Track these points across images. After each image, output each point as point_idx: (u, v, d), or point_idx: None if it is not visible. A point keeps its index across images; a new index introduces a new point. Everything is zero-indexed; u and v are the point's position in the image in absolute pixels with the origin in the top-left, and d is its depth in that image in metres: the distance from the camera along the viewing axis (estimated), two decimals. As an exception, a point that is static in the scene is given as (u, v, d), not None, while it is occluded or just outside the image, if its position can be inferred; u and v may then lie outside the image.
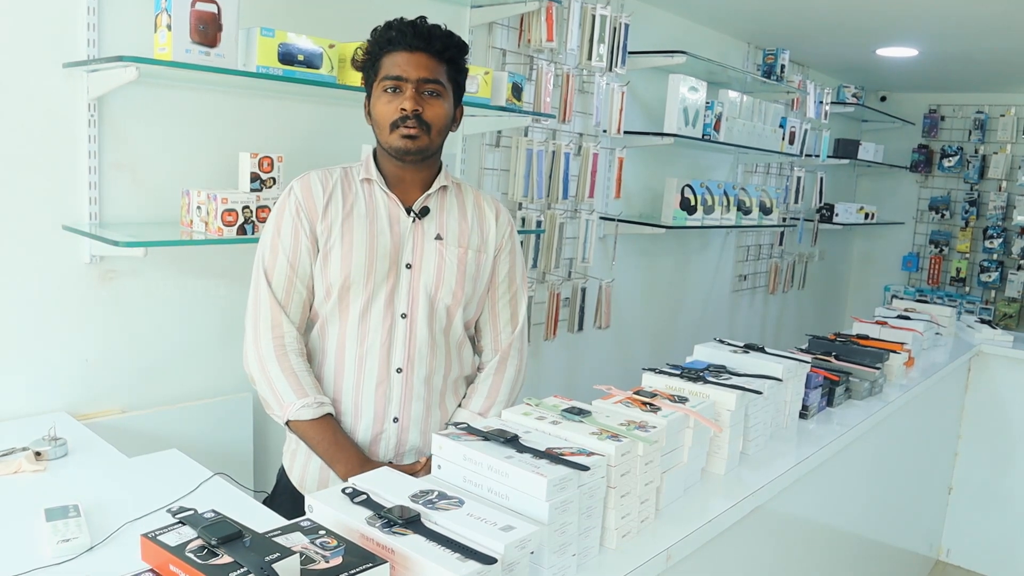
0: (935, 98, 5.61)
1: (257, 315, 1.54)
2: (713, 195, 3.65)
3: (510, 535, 0.97)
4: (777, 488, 1.59)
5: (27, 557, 1.17)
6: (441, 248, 1.59)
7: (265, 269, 1.55)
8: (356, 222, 1.54)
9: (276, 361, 1.52)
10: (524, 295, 1.73)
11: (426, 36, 1.49)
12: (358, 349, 1.56)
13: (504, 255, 1.68)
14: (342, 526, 1.01)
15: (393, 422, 1.59)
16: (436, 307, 1.59)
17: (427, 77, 1.49)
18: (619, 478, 1.20)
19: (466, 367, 1.69)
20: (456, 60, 1.56)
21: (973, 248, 5.51)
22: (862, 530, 2.39)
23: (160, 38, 1.63)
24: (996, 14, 3.20)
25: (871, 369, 2.23)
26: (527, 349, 1.75)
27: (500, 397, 1.68)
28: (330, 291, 1.55)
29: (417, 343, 1.58)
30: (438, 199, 1.61)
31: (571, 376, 3.40)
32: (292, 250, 1.54)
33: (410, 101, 1.48)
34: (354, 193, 1.57)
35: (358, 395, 1.57)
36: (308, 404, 1.51)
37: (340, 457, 1.53)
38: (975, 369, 3.27)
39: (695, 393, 1.55)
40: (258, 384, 1.54)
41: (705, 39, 3.85)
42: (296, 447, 1.64)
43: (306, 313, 1.59)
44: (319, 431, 1.52)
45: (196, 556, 0.85)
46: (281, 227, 1.54)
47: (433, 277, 1.58)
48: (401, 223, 1.57)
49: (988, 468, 3.31)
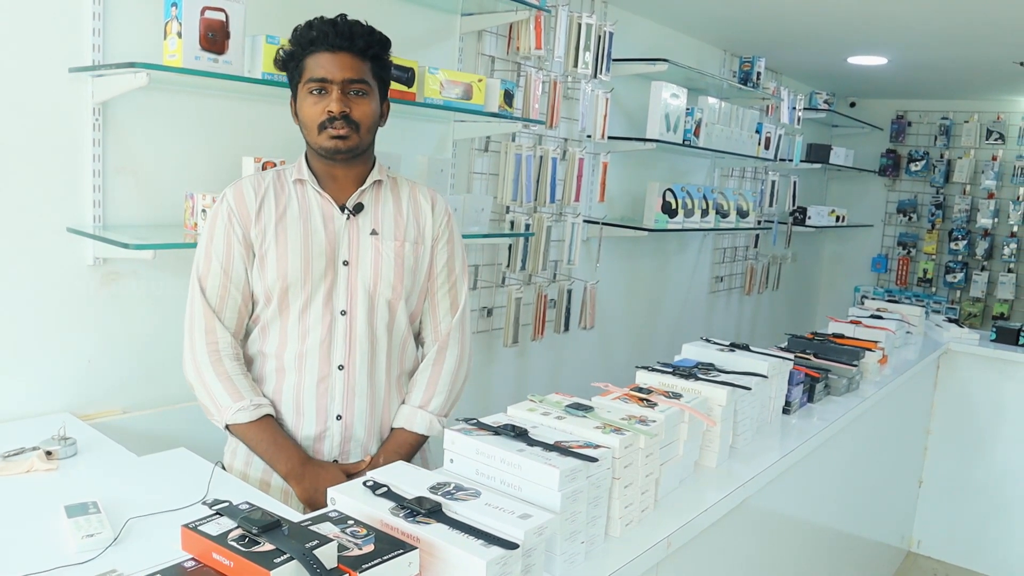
0: (902, 104, 5.79)
1: (192, 323, 1.55)
2: (693, 199, 3.74)
3: (528, 522, 1.03)
4: (765, 480, 1.68)
5: (52, 553, 1.20)
6: (377, 243, 1.59)
7: (199, 277, 1.55)
8: (290, 223, 1.55)
9: (211, 367, 1.53)
10: (464, 284, 1.72)
11: (348, 35, 1.48)
12: (299, 347, 1.57)
13: (442, 244, 1.68)
14: (366, 516, 1.05)
15: (336, 419, 1.59)
16: (376, 302, 1.59)
17: (352, 77, 1.49)
18: (623, 469, 1.27)
19: (409, 362, 1.69)
20: (380, 56, 1.55)
21: (939, 250, 5.69)
22: (838, 522, 2.49)
23: (170, 45, 1.66)
24: (960, 25, 3.33)
25: (849, 366, 2.33)
26: (470, 338, 1.74)
27: (440, 387, 1.67)
28: (269, 295, 1.56)
29: (358, 339, 1.58)
30: (372, 194, 1.61)
31: (558, 375, 3.47)
32: (225, 256, 1.54)
33: (337, 103, 1.48)
34: (287, 195, 1.57)
35: (299, 394, 1.58)
36: (244, 407, 1.52)
37: (280, 456, 1.54)
38: (943, 366, 3.40)
39: (688, 389, 1.62)
40: (196, 391, 1.56)
41: (685, 47, 3.95)
42: (236, 447, 1.63)
43: (243, 318, 1.59)
44: (258, 432, 1.53)
45: (239, 544, 0.90)
46: (214, 234, 1.55)
47: (371, 272, 1.58)
48: (336, 221, 1.57)
49: (956, 461, 3.44)
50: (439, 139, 2.71)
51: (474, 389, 2.98)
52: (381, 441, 1.66)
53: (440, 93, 2.25)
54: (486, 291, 3.02)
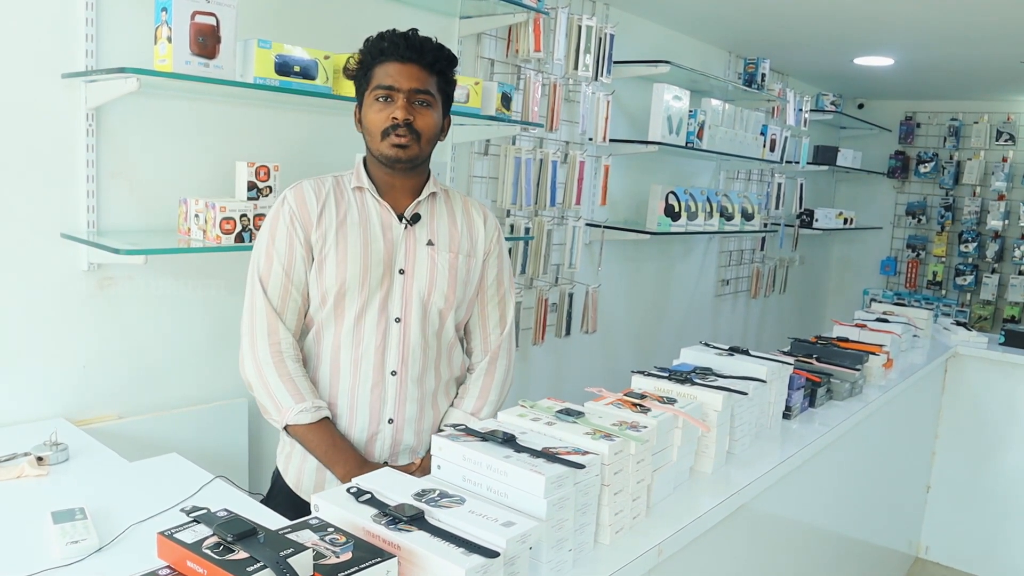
0: (911, 105, 5.74)
1: (253, 322, 1.58)
2: (696, 201, 3.71)
3: (511, 530, 1.01)
4: (762, 486, 1.65)
5: (36, 559, 1.20)
6: (433, 253, 1.63)
7: (260, 277, 1.58)
8: (350, 230, 1.58)
9: (273, 367, 1.55)
10: (512, 297, 1.78)
11: (418, 48, 1.55)
12: (353, 353, 1.60)
13: (492, 259, 1.73)
14: (348, 524, 1.04)
15: (388, 423, 1.63)
16: (429, 311, 1.63)
17: (418, 88, 1.54)
18: (612, 476, 1.25)
19: (456, 368, 1.73)
20: (446, 72, 1.61)
21: (949, 252, 5.63)
22: (843, 528, 2.46)
23: (160, 50, 1.66)
24: (969, 24, 3.30)
25: (851, 371, 2.30)
26: (515, 350, 1.80)
27: (491, 397, 1.73)
28: (325, 298, 1.59)
29: (411, 346, 1.62)
30: (428, 205, 1.65)
31: (559, 379, 3.45)
32: (287, 258, 1.57)
33: (401, 110, 1.53)
34: (347, 201, 1.61)
35: (354, 398, 1.61)
36: (306, 409, 1.54)
37: (339, 459, 1.57)
38: (951, 370, 3.36)
39: (683, 394, 1.60)
40: (256, 390, 1.57)
41: (688, 48, 3.93)
42: (291, 450, 1.66)
43: (301, 319, 1.62)
44: (317, 434, 1.56)
45: (213, 552, 0.89)
46: (276, 235, 1.58)
47: (426, 282, 1.62)
48: (393, 230, 1.61)
49: (965, 466, 3.39)
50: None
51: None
52: (430, 444, 1.66)
53: (437, 96, 2.24)
54: (487, 295, 3.00)
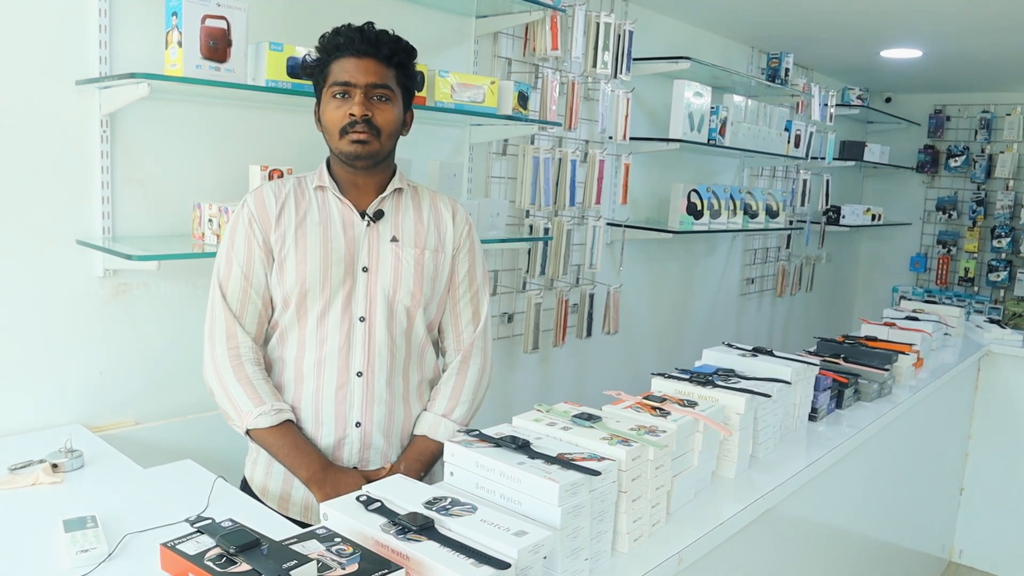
0: (940, 98, 5.61)
1: (213, 327, 1.55)
2: (719, 199, 3.65)
3: (523, 540, 0.98)
4: (787, 491, 1.60)
5: (46, 568, 1.19)
6: (397, 250, 1.59)
7: (220, 281, 1.55)
8: (309, 229, 1.55)
9: (232, 371, 1.52)
10: (486, 293, 1.72)
11: (374, 41, 1.49)
12: (317, 354, 1.56)
13: (463, 254, 1.68)
14: (357, 533, 1.02)
15: (355, 427, 1.58)
16: (395, 309, 1.59)
17: (376, 82, 1.49)
18: (630, 482, 1.21)
19: (428, 370, 1.68)
20: (405, 64, 1.56)
21: (981, 248, 5.50)
22: (873, 532, 2.39)
23: (171, 54, 1.65)
24: (999, 13, 3.20)
25: (880, 371, 2.23)
26: (491, 348, 1.74)
27: (464, 397, 1.67)
28: (288, 300, 1.55)
29: (377, 346, 1.57)
30: (393, 202, 1.61)
31: (581, 381, 3.41)
32: (246, 261, 1.55)
33: (359, 106, 1.48)
34: (307, 201, 1.57)
35: (318, 401, 1.57)
36: (265, 412, 1.51)
37: (302, 462, 1.52)
38: (984, 369, 3.26)
39: (704, 397, 1.56)
40: (216, 395, 1.55)
41: (709, 44, 3.87)
42: (257, 456, 1.63)
43: (263, 323, 1.59)
44: (279, 438, 1.52)
45: (215, 564, 0.87)
46: (235, 239, 1.55)
47: (390, 279, 1.58)
48: (355, 227, 1.57)
49: (1000, 468, 3.30)
50: (455, 143, 2.68)
51: (495, 397, 2.94)
52: (401, 448, 1.64)
53: (451, 96, 2.22)
54: (506, 296, 2.98)
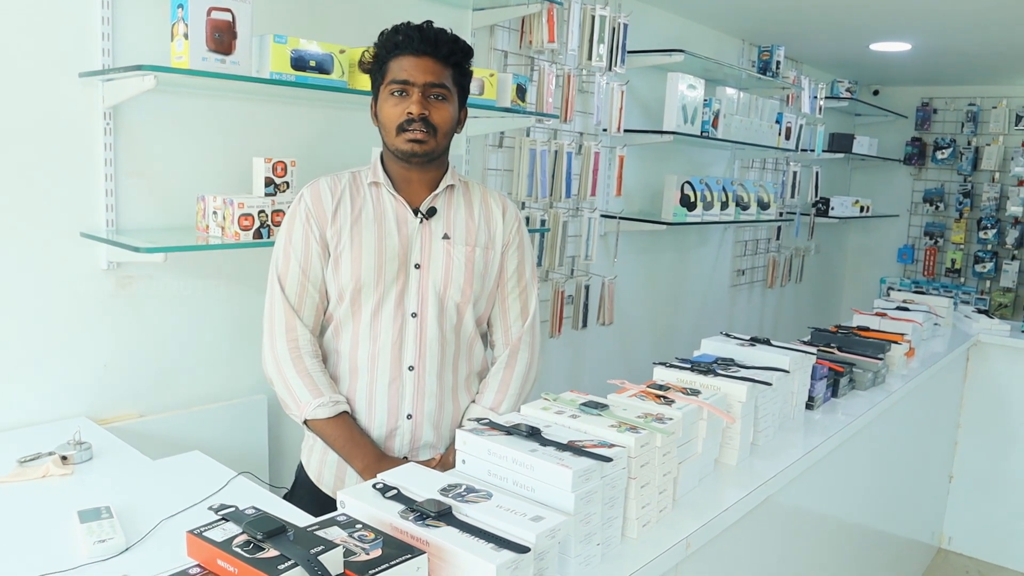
0: (927, 91, 5.67)
1: (272, 319, 1.59)
2: (712, 191, 3.69)
3: (540, 525, 1.00)
4: (788, 477, 1.63)
5: (64, 558, 1.20)
6: (449, 247, 1.62)
7: (279, 275, 1.59)
8: (365, 226, 1.58)
9: (291, 363, 1.56)
10: (534, 289, 1.76)
11: (432, 41, 1.53)
12: (370, 349, 1.60)
13: (512, 250, 1.71)
14: (375, 520, 1.04)
15: (407, 419, 1.62)
16: (446, 305, 1.62)
17: (433, 81, 1.52)
18: (639, 469, 1.24)
19: (477, 363, 1.72)
20: (461, 64, 1.59)
21: (967, 239, 5.57)
22: (866, 519, 2.44)
23: (177, 47, 1.66)
24: (987, 8, 3.24)
25: (874, 360, 2.27)
26: (539, 342, 1.77)
27: (511, 391, 1.70)
28: (342, 294, 1.59)
29: (428, 341, 1.61)
30: (445, 199, 1.64)
31: (577, 372, 3.44)
32: (303, 256, 1.58)
33: (417, 105, 1.51)
34: (362, 197, 1.60)
35: (372, 393, 1.61)
36: (324, 403, 1.55)
37: (357, 453, 1.57)
38: (973, 358, 3.32)
39: (706, 386, 1.58)
40: (276, 386, 1.59)
41: (702, 37, 3.89)
42: (314, 444, 1.68)
43: (319, 316, 1.63)
44: (336, 428, 1.57)
45: (243, 550, 0.88)
46: (292, 234, 1.59)
47: (442, 276, 1.61)
48: (409, 224, 1.60)
49: (987, 456, 3.35)
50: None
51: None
52: (450, 439, 1.68)
53: (451, 89, 2.22)
54: (503, 288, 2.99)
